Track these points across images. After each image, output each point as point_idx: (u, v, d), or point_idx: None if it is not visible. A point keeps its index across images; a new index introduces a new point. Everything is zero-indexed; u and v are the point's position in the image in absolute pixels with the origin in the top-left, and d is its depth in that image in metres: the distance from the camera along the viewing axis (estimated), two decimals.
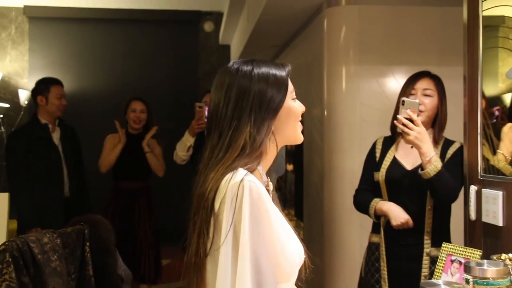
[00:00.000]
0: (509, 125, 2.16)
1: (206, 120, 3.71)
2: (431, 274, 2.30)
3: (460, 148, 2.43)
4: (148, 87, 6.62)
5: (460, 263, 1.84)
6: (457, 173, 2.36)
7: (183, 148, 3.81)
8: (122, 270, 2.12)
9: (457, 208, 2.49)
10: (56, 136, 3.89)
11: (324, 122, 3.94)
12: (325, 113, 3.93)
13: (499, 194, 2.12)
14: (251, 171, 1.34)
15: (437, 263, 1.94)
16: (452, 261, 1.88)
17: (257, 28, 4.88)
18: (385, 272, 2.45)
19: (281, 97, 1.40)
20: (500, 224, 2.12)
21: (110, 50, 7.20)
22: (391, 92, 3.79)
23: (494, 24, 2.23)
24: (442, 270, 1.89)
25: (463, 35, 2.41)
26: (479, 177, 2.27)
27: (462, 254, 1.87)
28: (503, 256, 1.77)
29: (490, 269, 1.57)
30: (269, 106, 1.37)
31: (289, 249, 1.35)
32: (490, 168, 2.23)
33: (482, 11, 2.27)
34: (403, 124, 2.30)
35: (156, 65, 7.20)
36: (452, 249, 1.92)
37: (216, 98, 1.40)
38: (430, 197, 2.40)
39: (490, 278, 1.56)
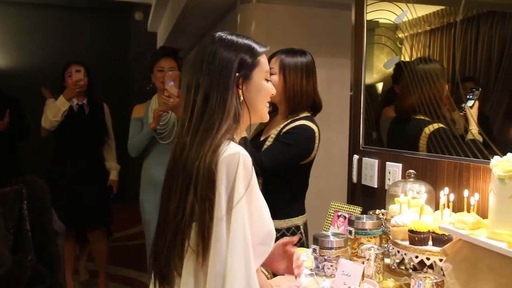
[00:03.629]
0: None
1: (84, 82, 3.24)
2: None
3: (295, 128, 1.96)
4: None
5: (345, 217, 1.90)
6: (273, 146, 1.96)
7: (56, 113, 3.16)
8: (57, 225, 1.99)
9: (343, 173, 2.55)
10: None
11: None
12: None
13: (376, 162, 2.20)
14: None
15: (326, 217, 1.99)
16: (339, 216, 1.93)
17: (180, 19, 4.75)
18: None
19: (251, 65, 1.24)
20: (375, 185, 2.20)
21: (50, 32, 6.89)
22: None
23: (372, 26, 2.31)
24: (330, 223, 1.93)
25: (351, 34, 2.46)
26: (360, 148, 2.35)
27: (346, 210, 1.93)
28: (377, 211, 1.85)
29: (367, 222, 1.65)
30: (244, 72, 1.22)
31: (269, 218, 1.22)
32: (369, 141, 2.31)
33: (367, 13, 2.33)
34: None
35: (91, 48, 6.84)
36: (338, 206, 1.97)
37: (199, 58, 1.22)
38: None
39: (368, 229, 1.63)
